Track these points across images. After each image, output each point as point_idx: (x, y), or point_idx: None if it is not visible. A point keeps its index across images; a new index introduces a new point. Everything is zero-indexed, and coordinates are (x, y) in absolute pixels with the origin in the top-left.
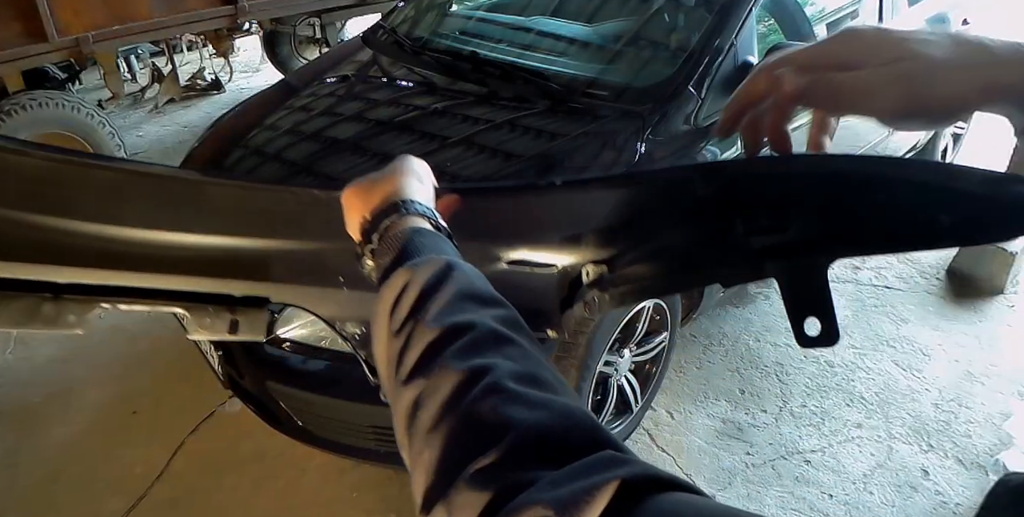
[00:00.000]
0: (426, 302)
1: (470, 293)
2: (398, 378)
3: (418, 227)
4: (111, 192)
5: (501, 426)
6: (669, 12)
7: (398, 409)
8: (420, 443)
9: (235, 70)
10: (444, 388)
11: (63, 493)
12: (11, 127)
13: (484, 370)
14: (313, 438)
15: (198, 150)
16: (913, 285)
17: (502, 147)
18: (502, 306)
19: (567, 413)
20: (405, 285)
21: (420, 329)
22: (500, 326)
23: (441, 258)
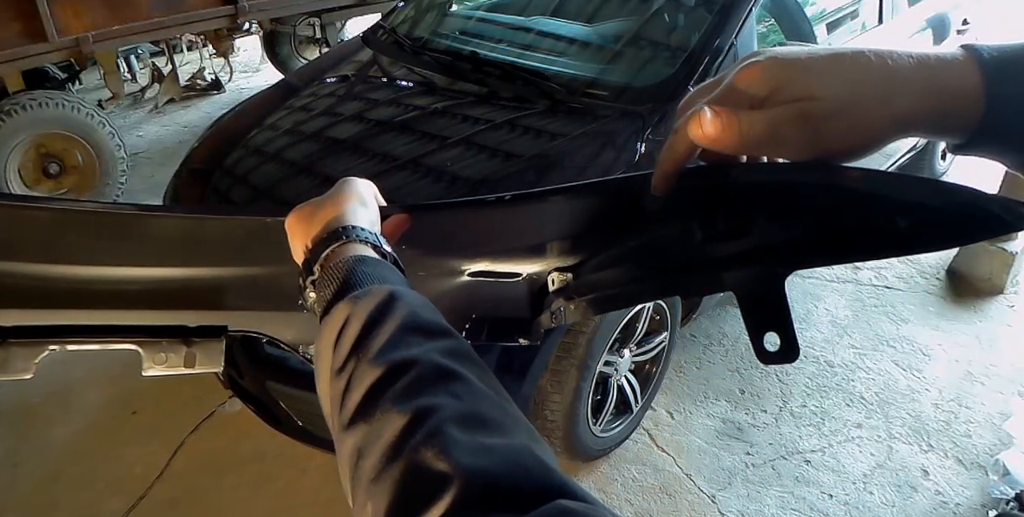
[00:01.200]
0: (368, 337)
1: (414, 325)
2: (340, 421)
3: (360, 255)
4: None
5: (446, 476)
6: (669, 12)
7: (341, 455)
8: (363, 495)
9: (235, 70)
10: (386, 434)
11: (63, 493)
12: (11, 127)
13: (427, 412)
14: (313, 438)
15: (198, 150)
16: (913, 285)
17: (502, 147)
18: (448, 336)
19: (515, 458)
20: (346, 319)
21: (361, 368)
22: (445, 360)
23: (384, 288)
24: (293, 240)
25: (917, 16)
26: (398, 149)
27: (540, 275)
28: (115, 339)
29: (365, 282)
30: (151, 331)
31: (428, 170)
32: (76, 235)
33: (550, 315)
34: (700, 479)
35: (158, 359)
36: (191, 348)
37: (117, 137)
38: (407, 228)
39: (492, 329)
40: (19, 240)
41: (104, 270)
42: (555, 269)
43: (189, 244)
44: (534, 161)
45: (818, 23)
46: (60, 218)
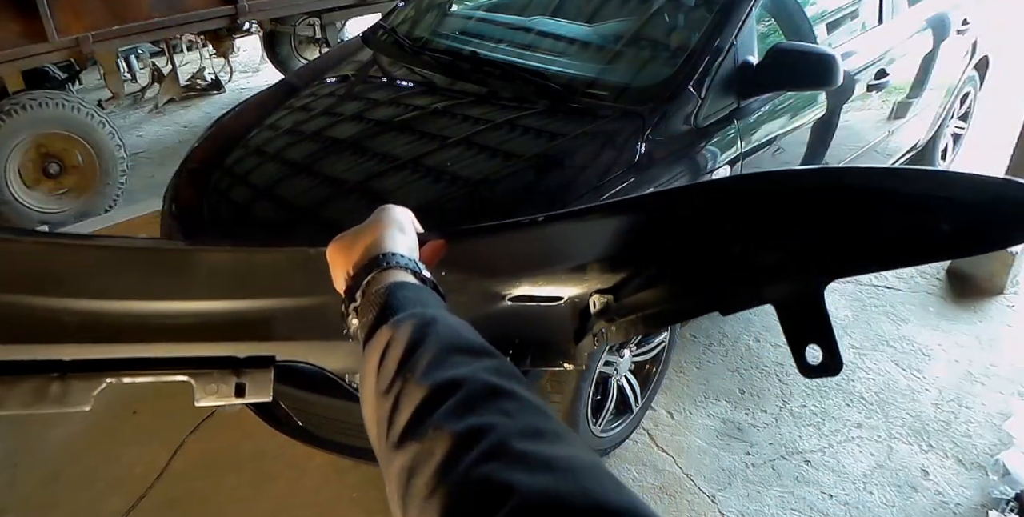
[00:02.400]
0: (411, 359)
1: (457, 345)
2: (389, 441)
3: (400, 281)
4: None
5: (502, 492)
6: (669, 12)
7: (390, 475)
8: (416, 513)
9: (235, 70)
10: (438, 452)
11: (63, 493)
12: (11, 127)
13: (480, 431)
14: (313, 438)
15: (198, 150)
16: (913, 285)
17: (502, 147)
18: (492, 356)
19: (573, 472)
20: (388, 342)
21: (408, 388)
22: (493, 378)
23: (424, 312)
24: (334, 269)
25: (917, 16)
26: (398, 149)
27: (581, 298)
28: (168, 371)
29: (406, 306)
30: (202, 363)
31: (428, 170)
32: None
33: (592, 337)
34: (700, 479)
35: (209, 390)
36: (241, 378)
37: (117, 137)
38: (444, 254)
39: (536, 354)
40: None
41: (157, 304)
42: (596, 291)
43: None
44: (534, 161)
45: (818, 23)
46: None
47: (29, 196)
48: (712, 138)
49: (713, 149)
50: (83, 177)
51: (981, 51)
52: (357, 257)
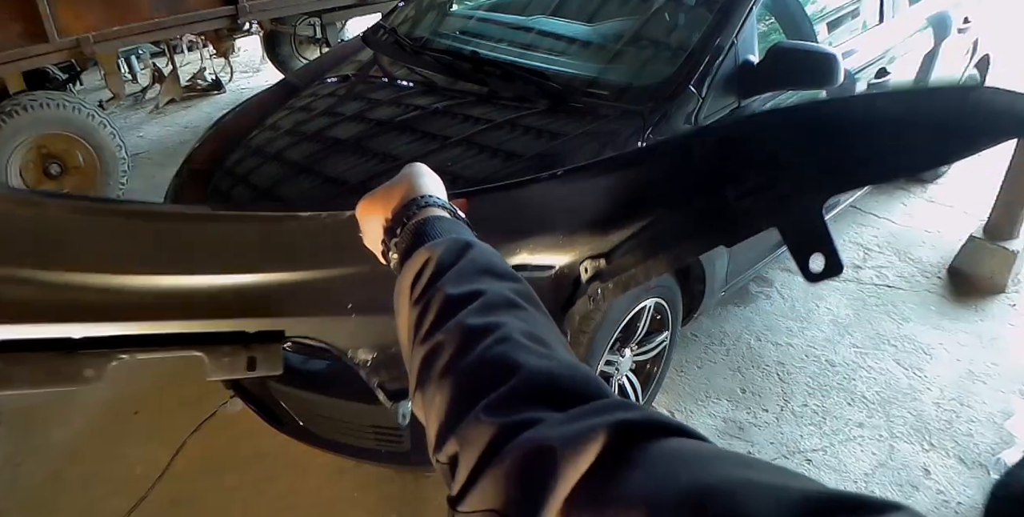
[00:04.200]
0: (445, 273)
1: (486, 268)
2: (416, 339)
3: (437, 215)
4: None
5: (510, 368)
6: (669, 11)
7: (413, 367)
8: (433, 388)
9: (235, 70)
10: (456, 340)
11: (64, 493)
12: (12, 128)
13: (496, 325)
14: (314, 438)
15: (199, 150)
16: (914, 284)
17: (503, 147)
18: (516, 280)
19: (574, 366)
20: (426, 261)
21: (438, 295)
22: (512, 295)
23: (459, 238)
24: (367, 221)
25: (918, 15)
26: (399, 149)
27: (572, 266)
28: (180, 347)
29: (442, 234)
30: (214, 338)
31: None
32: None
33: (587, 298)
34: None
35: (221, 364)
36: (252, 353)
37: (118, 138)
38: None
39: None
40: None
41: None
42: (587, 258)
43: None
44: (535, 160)
45: (819, 22)
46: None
47: None
48: None
49: None
50: (84, 178)
51: (982, 50)
52: (396, 203)
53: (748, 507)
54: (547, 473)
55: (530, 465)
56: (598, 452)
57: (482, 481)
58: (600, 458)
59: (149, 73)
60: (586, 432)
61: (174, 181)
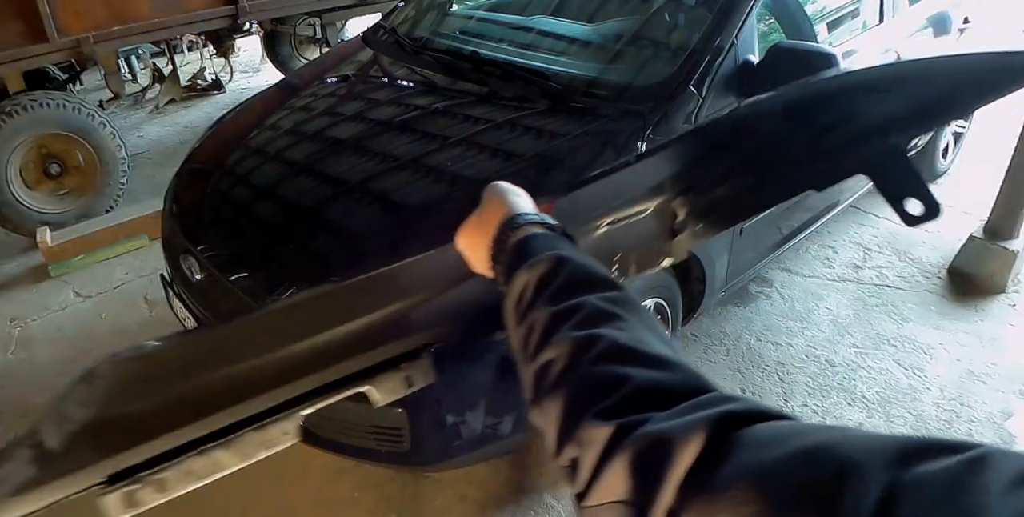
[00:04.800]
0: (542, 293)
1: (579, 281)
2: (526, 356)
3: (531, 234)
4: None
5: (618, 380)
6: (670, 11)
7: (527, 382)
8: (548, 400)
9: (235, 70)
10: (564, 354)
11: None
12: (12, 128)
13: (596, 338)
14: (314, 438)
15: (199, 150)
16: (914, 284)
17: (503, 147)
18: (611, 288)
19: (677, 367)
20: (525, 282)
21: (539, 315)
22: (607, 304)
23: (553, 254)
24: (472, 252)
25: (918, 14)
26: (399, 149)
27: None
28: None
29: (538, 252)
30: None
31: (429, 170)
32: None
33: (691, 233)
34: None
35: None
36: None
37: (118, 138)
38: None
39: (638, 261)
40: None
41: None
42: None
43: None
44: (535, 161)
45: (819, 22)
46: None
47: (30, 197)
48: None
49: None
50: (84, 178)
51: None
52: (493, 231)
53: (853, 455)
54: (662, 460)
55: (646, 455)
56: (706, 437)
57: (603, 476)
58: (709, 442)
59: (149, 73)
60: (695, 422)
61: (174, 181)
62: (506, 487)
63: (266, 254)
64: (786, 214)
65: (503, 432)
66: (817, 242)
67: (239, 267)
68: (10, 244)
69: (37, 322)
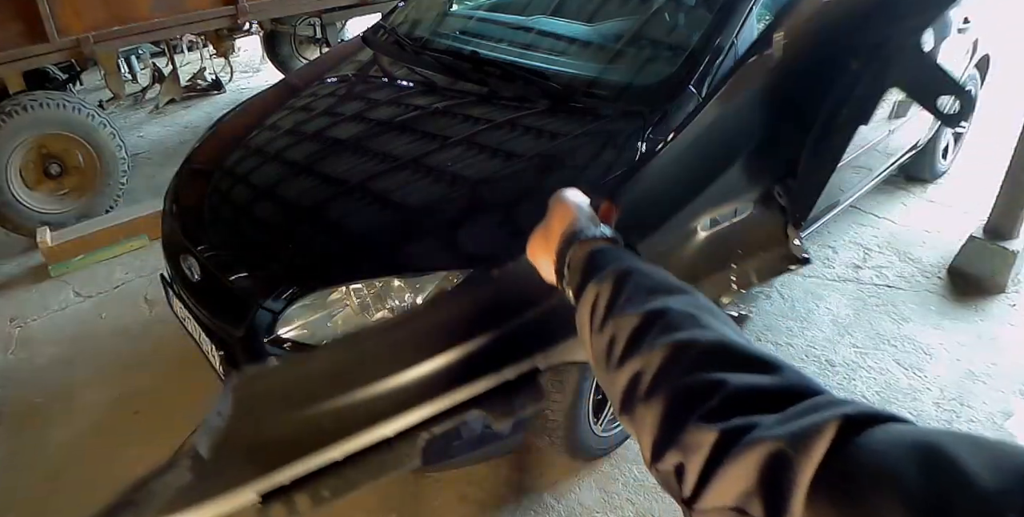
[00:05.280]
0: (617, 301)
1: (653, 287)
2: (611, 366)
3: (594, 249)
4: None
5: (717, 383)
6: (669, 11)
7: (615, 391)
8: (642, 409)
9: (235, 70)
10: (655, 362)
11: (64, 493)
12: (12, 128)
13: (686, 343)
14: None
15: (199, 150)
16: (914, 284)
17: (503, 147)
18: (685, 293)
19: (773, 367)
20: (597, 294)
21: (620, 322)
22: (690, 308)
23: (619, 266)
24: (539, 262)
25: None
26: (399, 149)
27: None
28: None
29: (605, 266)
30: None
31: (429, 170)
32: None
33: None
34: None
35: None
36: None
37: (118, 138)
38: (618, 211)
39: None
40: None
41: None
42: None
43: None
44: (535, 161)
45: None
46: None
47: (30, 197)
48: None
49: None
50: (84, 178)
51: (982, 50)
52: (556, 245)
53: (969, 462)
54: (784, 469)
55: (764, 463)
56: (829, 443)
57: (715, 481)
58: (832, 448)
59: (149, 73)
60: (812, 428)
61: (174, 181)
62: (506, 487)
63: (266, 254)
64: None
65: (503, 432)
66: (817, 242)
67: (239, 267)
68: (10, 244)
69: (37, 322)
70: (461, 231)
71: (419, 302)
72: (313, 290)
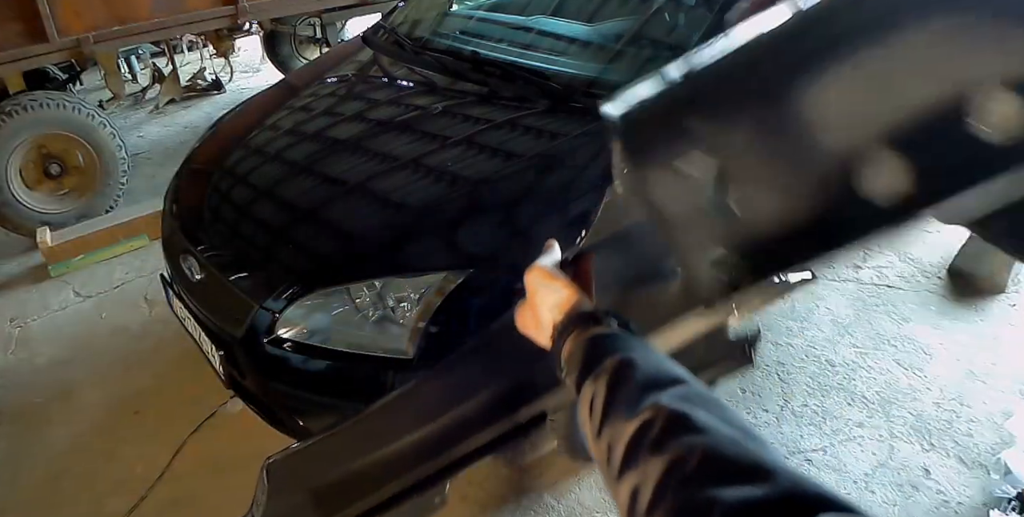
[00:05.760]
0: (612, 404)
1: (648, 383)
2: (611, 476)
3: (585, 339)
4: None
5: (710, 502)
6: (669, 11)
7: (619, 502)
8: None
9: (235, 70)
10: (652, 476)
11: (64, 493)
12: (12, 128)
13: (681, 456)
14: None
15: (199, 150)
16: (914, 284)
17: (503, 147)
18: (681, 383)
19: (765, 472)
20: (593, 394)
21: (615, 430)
22: (684, 405)
23: (615, 359)
24: (531, 336)
25: None
26: (399, 149)
27: None
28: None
29: (597, 361)
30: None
31: (429, 170)
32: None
33: None
34: None
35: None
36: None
37: (118, 138)
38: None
39: None
40: None
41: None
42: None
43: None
44: (535, 161)
45: None
46: None
47: (30, 197)
48: None
49: None
50: (84, 178)
51: None
52: (547, 335)
53: None
54: None
55: None
56: None
57: None
58: None
59: (149, 73)
60: None
61: (174, 181)
62: (506, 487)
63: (266, 254)
64: None
65: None
66: None
67: (239, 267)
68: (10, 244)
69: (37, 322)
70: (461, 231)
71: (419, 303)
72: (313, 290)
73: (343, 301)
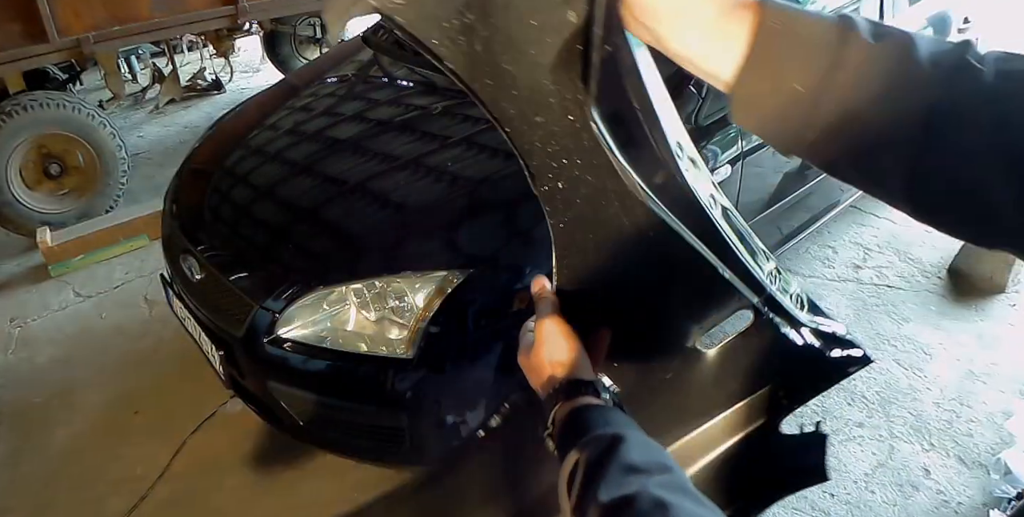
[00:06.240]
0: (592, 481)
1: (632, 465)
2: None
3: (579, 406)
4: None
5: None
6: None
7: None
8: None
9: (235, 70)
10: None
11: (65, 493)
12: (12, 128)
13: None
14: (314, 438)
15: (199, 150)
16: (914, 284)
17: (503, 147)
18: (663, 472)
19: None
20: (575, 464)
21: (592, 508)
22: (664, 493)
23: (604, 434)
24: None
25: (918, 14)
26: (399, 149)
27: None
28: None
29: (589, 430)
30: None
31: (429, 170)
32: None
33: None
34: None
35: None
36: None
37: (118, 138)
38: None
39: None
40: None
41: None
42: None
43: None
44: None
45: None
46: None
47: (30, 197)
48: (713, 137)
49: (714, 148)
50: (84, 178)
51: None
52: (545, 392)
53: None
54: None
55: None
56: None
57: None
58: None
59: (149, 73)
60: None
61: (174, 181)
62: None
63: (266, 254)
64: (786, 214)
65: None
66: (817, 242)
67: (239, 267)
68: (10, 244)
69: (37, 322)
70: (461, 231)
71: (419, 303)
72: (313, 290)
73: (343, 301)
